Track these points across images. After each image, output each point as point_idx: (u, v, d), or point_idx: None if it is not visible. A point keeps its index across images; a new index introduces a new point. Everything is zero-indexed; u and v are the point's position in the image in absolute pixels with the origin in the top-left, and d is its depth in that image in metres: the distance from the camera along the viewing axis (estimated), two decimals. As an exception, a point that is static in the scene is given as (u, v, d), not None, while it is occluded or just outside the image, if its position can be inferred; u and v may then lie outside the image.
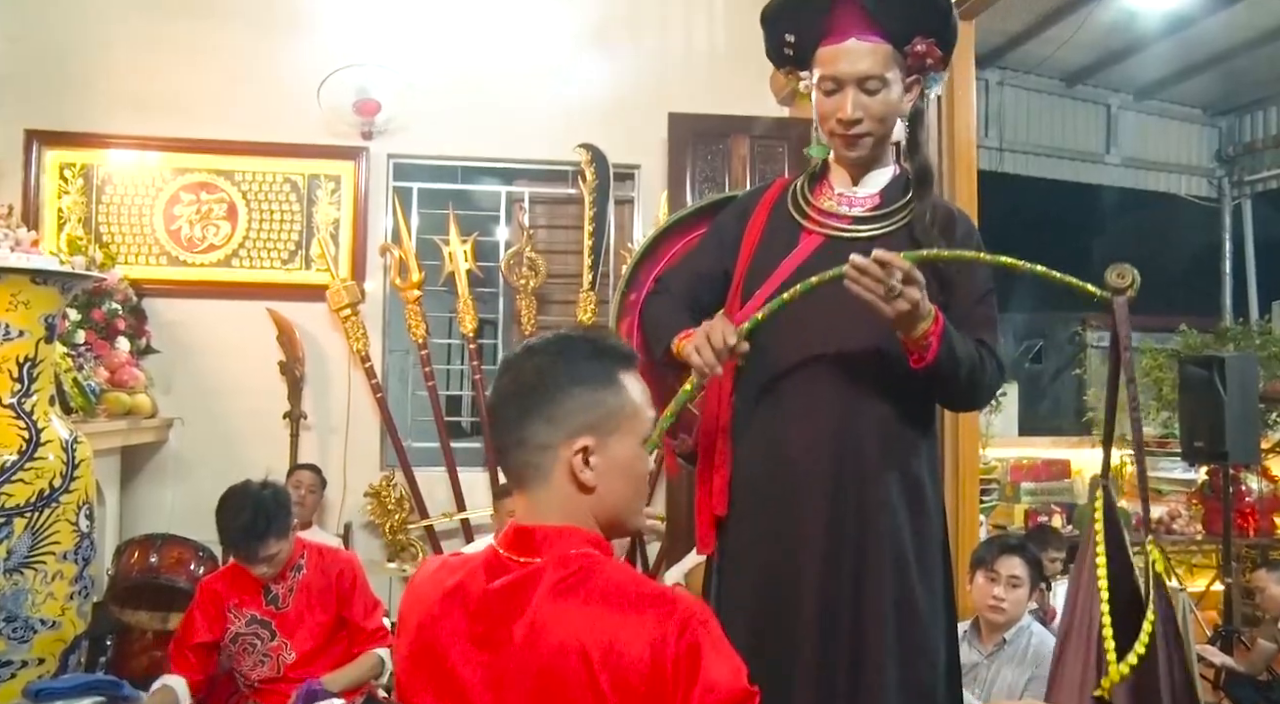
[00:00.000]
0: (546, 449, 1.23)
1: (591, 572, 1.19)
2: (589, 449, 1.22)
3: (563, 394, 1.23)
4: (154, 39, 4.39)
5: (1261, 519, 5.29)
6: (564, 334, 1.32)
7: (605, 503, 1.25)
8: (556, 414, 1.22)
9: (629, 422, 1.26)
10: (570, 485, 1.23)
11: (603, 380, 1.26)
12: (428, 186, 4.72)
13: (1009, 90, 7.47)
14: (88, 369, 3.75)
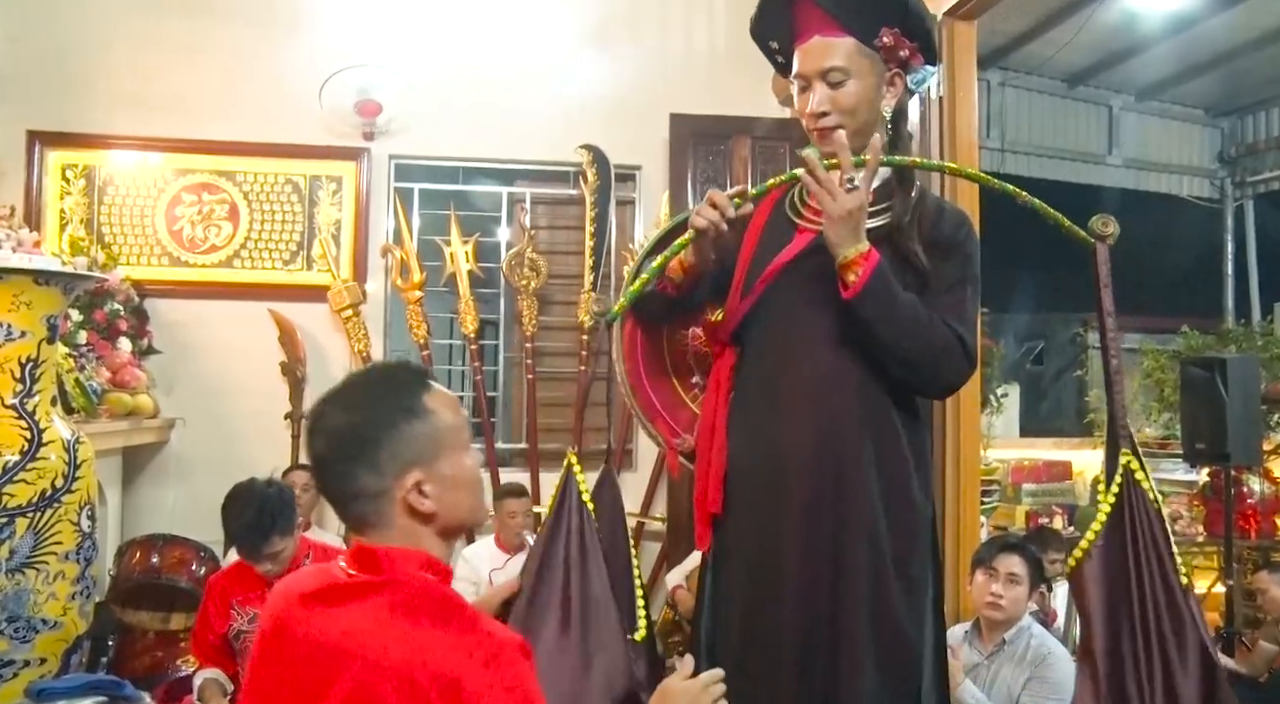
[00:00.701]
0: (381, 495, 1.26)
1: (423, 594, 1.23)
2: (421, 482, 1.26)
3: (379, 441, 1.26)
4: (155, 40, 4.39)
5: (1263, 521, 5.28)
6: (356, 380, 1.36)
7: (450, 519, 1.30)
8: (379, 460, 1.25)
9: (448, 437, 1.30)
10: (411, 519, 1.27)
11: (410, 413, 1.28)
12: (429, 187, 4.72)
13: (1011, 91, 7.46)
14: (89, 370, 3.76)
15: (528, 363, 4.56)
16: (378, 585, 1.24)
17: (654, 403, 2.12)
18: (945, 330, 1.71)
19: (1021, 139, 7.48)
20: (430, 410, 1.30)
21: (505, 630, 1.23)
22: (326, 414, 1.31)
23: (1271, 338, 6.33)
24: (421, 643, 1.17)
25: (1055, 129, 7.68)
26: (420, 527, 1.28)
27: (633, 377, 2.12)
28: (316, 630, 1.22)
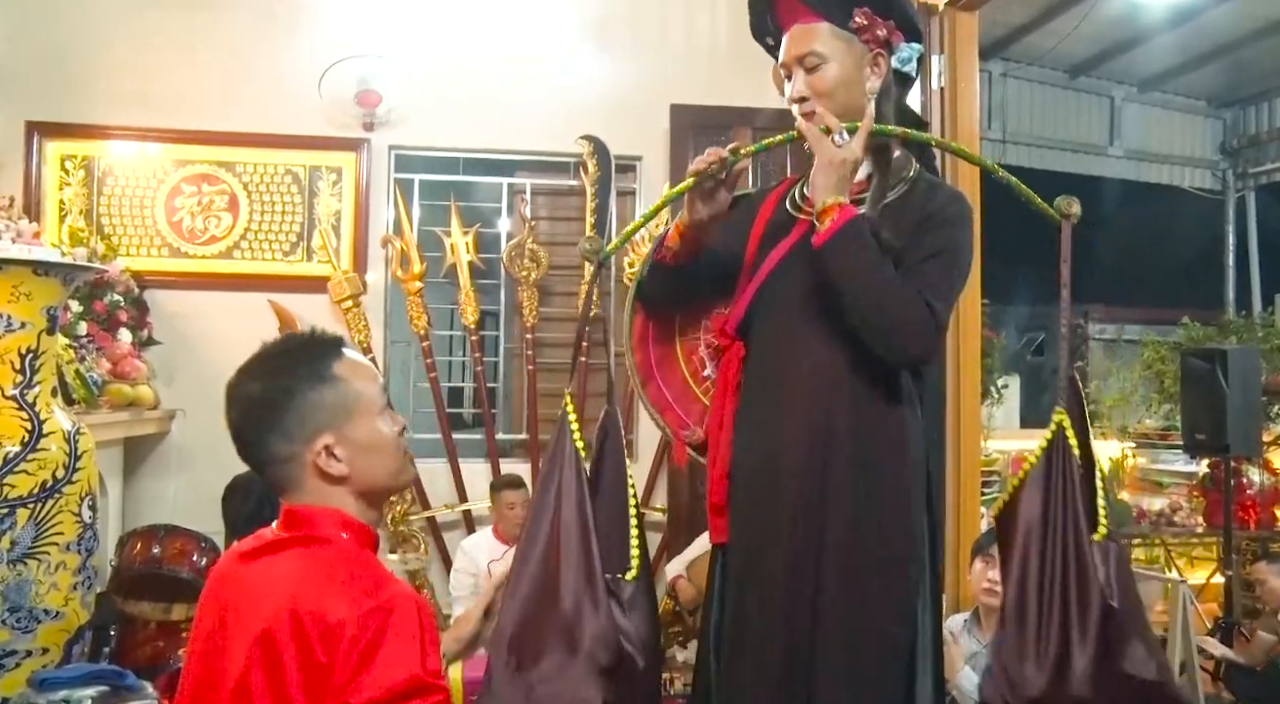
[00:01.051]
0: (291, 460, 1.34)
1: (327, 547, 1.32)
2: (330, 446, 1.33)
3: (286, 407, 1.33)
4: (155, 30, 4.38)
5: (1263, 512, 5.29)
6: (268, 349, 1.42)
7: (363, 481, 1.37)
8: (288, 426, 1.33)
9: (358, 403, 1.36)
10: (322, 482, 1.35)
11: (318, 379, 1.35)
12: (429, 178, 4.71)
13: (1012, 82, 7.45)
14: (90, 361, 3.76)
15: (528, 354, 4.56)
16: (294, 541, 1.33)
17: (664, 395, 2.13)
18: (915, 297, 1.66)
19: (1023, 130, 7.48)
20: (339, 377, 1.36)
21: (403, 586, 1.31)
22: (239, 384, 1.39)
23: (1272, 329, 6.34)
24: (317, 591, 1.24)
25: (1057, 120, 7.67)
26: (332, 488, 1.35)
27: (643, 369, 2.13)
28: (243, 580, 1.32)
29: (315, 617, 1.21)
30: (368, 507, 1.40)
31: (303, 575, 1.28)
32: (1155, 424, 6.36)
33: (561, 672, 1.59)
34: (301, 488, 1.36)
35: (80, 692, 2.38)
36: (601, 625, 1.61)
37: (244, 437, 1.38)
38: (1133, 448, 6.18)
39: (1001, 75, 7.38)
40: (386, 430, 1.40)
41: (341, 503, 1.36)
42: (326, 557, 1.30)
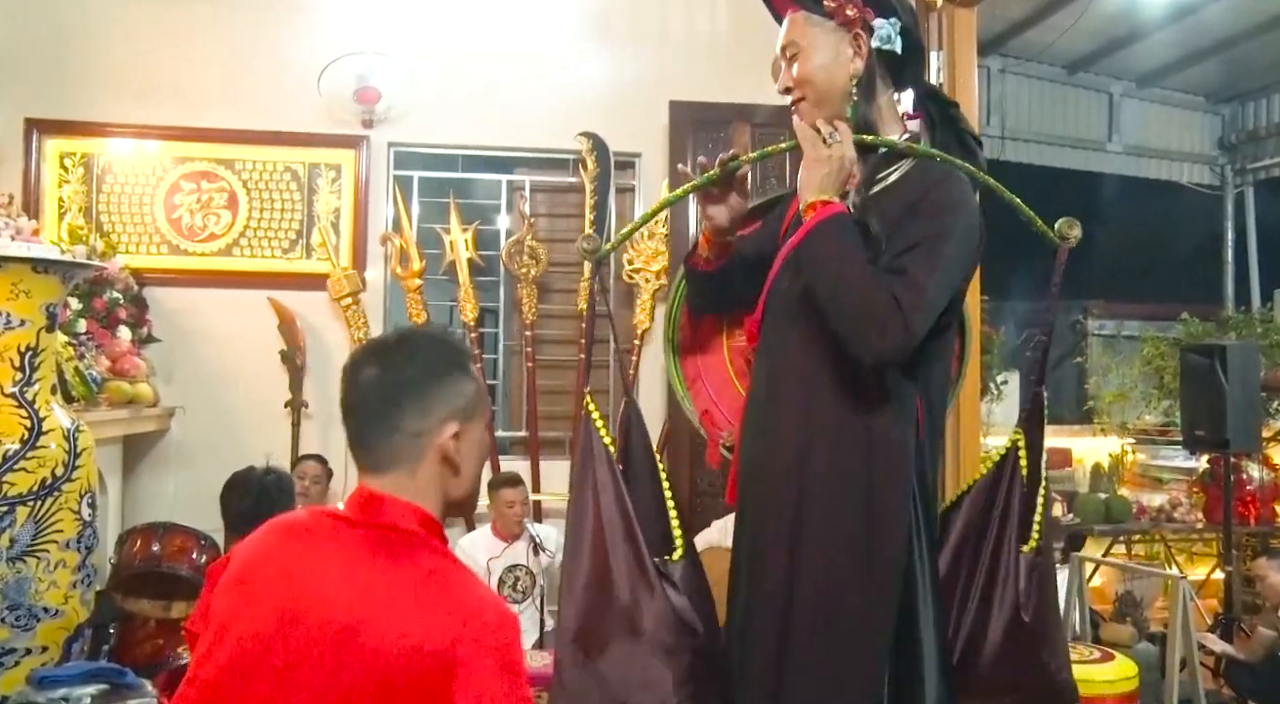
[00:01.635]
0: (421, 435, 1.31)
1: (414, 546, 1.28)
2: (459, 433, 1.33)
3: (433, 385, 1.33)
4: (154, 27, 4.38)
5: (1262, 507, 5.29)
6: (413, 330, 1.44)
7: (463, 479, 1.36)
8: (429, 404, 1.32)
9: (481, 406, 1.39)
10: (441, 466, 1.33)
11: (461, 370, 1.36)
12: (428, 175, 4.71)
13: (1011, 78, 7.44)
14: (89, 358, 3.75)
15: (527, 351, 4.56)
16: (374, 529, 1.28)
17: (709, 395, 2.17)
18: (882, 292, 1.57)
19: (1022, 126, 7.47)
20: (474, 376, 1.39)
21: (491, 594, 1.32)
22: (383, 353, 1.39)
23: (1271, 325, 6.34)
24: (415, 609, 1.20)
25: (1055, 116, 7.66)
26: (444, 475, 1.33)
27: (690, 370, 2.18)
28: (313, 573, 1.25)
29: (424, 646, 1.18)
30: (441, 512, 1.38)
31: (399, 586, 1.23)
32: (1155, 420, 6.36)
33: (629, 657, 1.67)
34: (416, 466, 1.32)
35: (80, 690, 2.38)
36: (659, 607, 1.69)
37: (371, 402, 1.35)
38: (1132, 444, 6.18)
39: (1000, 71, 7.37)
40: (486, 443, 1.43)
41: (434, 500, 1.34)
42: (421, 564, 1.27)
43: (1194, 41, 6.99)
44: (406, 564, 1.26)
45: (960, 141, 1.79)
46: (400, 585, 1.23)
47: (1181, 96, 8.22)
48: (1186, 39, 6.93)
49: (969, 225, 1.68)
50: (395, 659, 1.17)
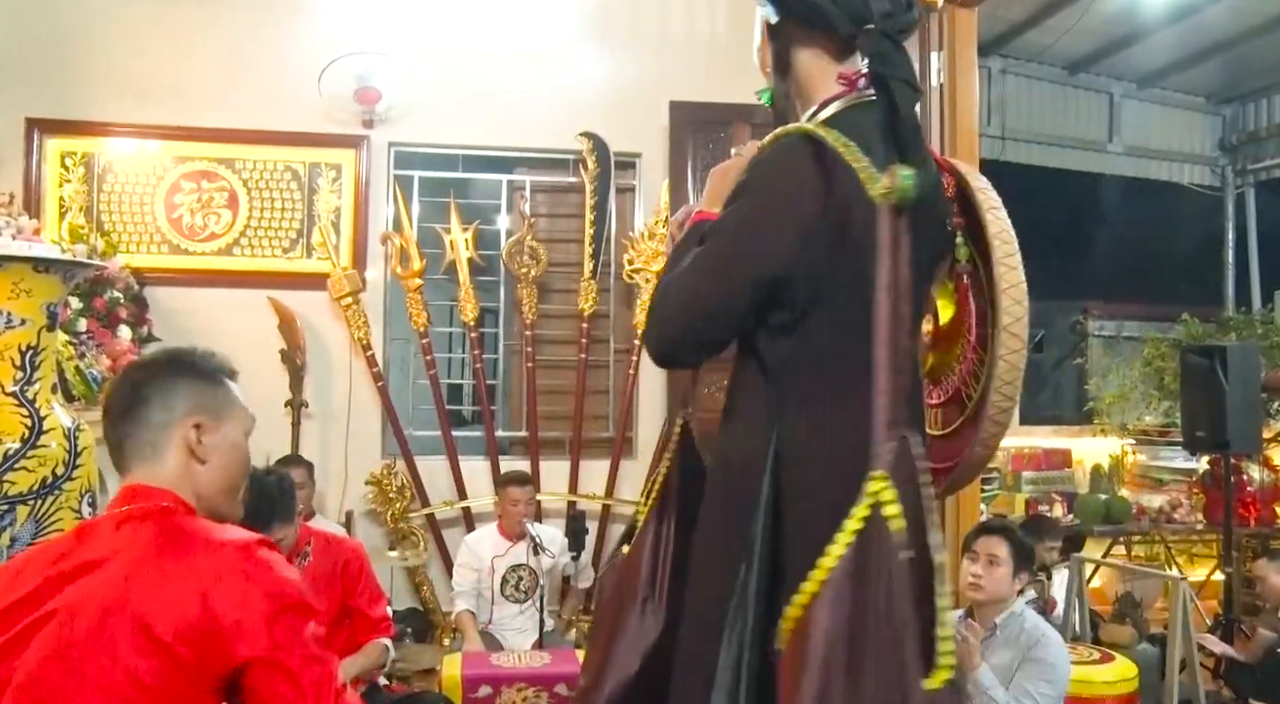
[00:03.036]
0: (165, 427, 1.44)
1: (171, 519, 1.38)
2: (201, 426, 1.44)
3: (175, 382, 1.46)
4: (155, 27, 4.38)
5: (1263, 508, 5.29)
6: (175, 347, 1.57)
7: (211, 477, 1.46)
8: (173, 399, 1.45)
9: (236, 414, 1.50)
10: (185, 457, 1.44)
11: (210, 377, 1.50)
12: (429, 175, 4.71)
13: (1011, 78, 7.43)
14: (90, 357, 3.76)
15: (528, 351, 4.56)
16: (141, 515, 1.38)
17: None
18: (659, 294, 1.48)
19: (1022, 127, 7.46)
20: (228, 386, 1.51)
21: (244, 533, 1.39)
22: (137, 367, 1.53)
23: (1272, 326, 6.34)
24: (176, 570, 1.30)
25: (1056, 117, 7.65)
26: (190, 466, 1.44)
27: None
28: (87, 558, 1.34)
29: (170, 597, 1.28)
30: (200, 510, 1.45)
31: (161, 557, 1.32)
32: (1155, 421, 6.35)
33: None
34: (160, 458, 1.43)
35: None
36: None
37: (120, 402, 1.46)
38: (1132, 445, 6.17)
39: (1000, 72, 7.36)
40: (244, 454, 1.52)
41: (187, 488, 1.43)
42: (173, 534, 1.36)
43: (1194, 42, 6.99)
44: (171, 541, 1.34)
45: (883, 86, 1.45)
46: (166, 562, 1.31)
47: (1182, 97, 8.22)
48: (1187, 40, 6.93)
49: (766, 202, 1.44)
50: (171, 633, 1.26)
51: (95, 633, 1.26)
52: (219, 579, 1.29)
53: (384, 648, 2.84)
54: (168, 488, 1.42)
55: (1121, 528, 5.22)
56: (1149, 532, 5.37)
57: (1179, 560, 5.71)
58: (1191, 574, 5.29)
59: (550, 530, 4.07)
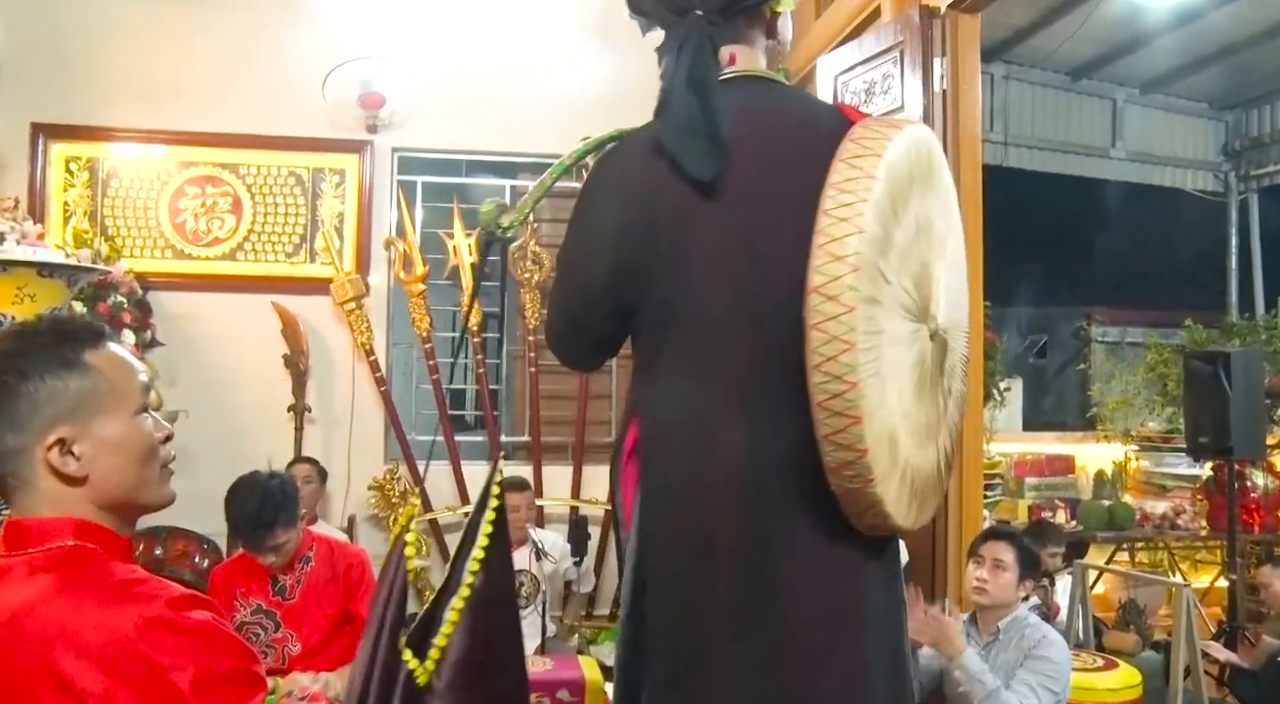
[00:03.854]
0: (21, 453, 1.16)
1: (81, 563, 1.14)
2: (66, 440, 1.16)
3: (22, 393, 1.15)
4: (159, 32, 4.39)
5: (1267, 515, 5.29)
6: (18, 328, 1.27)
7: (105, 488, 1.19)
8: (20, 416, 1.15)
9: (109, 399, 1.19)
10: (56, 482, 1.16)
11: (64, 365, 1.17)
12: (432, 180, 4.72)
13: (1014, 84, 7.45)
14: (93, 362, 3.76)
15: (530, 356, 4.56)
16: (17, 562, 1.14)
17: None
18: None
19: (1025, 132, 7.48)
20: (91, 366, 1.19)
21: (173, 586, 1.16)
22: None
23: (1275, 331, 6.34)
24: (88, 618, 1.09)
25: (1059, 122, 7.67)
26: (68, 491, 1.17)
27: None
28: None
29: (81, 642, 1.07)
30: (115, 522, 1.21)
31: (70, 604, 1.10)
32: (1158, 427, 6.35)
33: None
34: (35, 490, 1.16)
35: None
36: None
37: None
38: (1136, 451, 6.17)
39: (1004, 77, 7.38)
40: (139, 433, 1.22)
41: (82, 512, 1.17)
42: (80, 577, 1.13)
43: (1197, 48, 7.00)
44: (75, 580, 1.13)
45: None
46: (73, 602, 1.10)
47: (1185, 103, 8.23)
48: (1190, 46, 6.94)
49: (581, 214, 1.53)
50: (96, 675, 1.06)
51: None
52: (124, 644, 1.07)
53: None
54: (61, 517, 1.16)
55: (1125, 534, 5.22)
56: (1152, 538, 5.36)
57: (1182, 567, 5.70)
58: (1195, 581, 5.28)
59: (552, 536, 4.07)
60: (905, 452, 1.32)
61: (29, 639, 1.07)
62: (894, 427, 1.29)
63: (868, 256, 1.25)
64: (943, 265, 1.40)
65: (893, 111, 3.21)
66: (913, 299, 1.33)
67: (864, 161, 1.28)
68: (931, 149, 1.39)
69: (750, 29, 1.53)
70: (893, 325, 1.30)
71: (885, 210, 1.27)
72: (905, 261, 1.31)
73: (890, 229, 1.28)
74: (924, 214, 1.34)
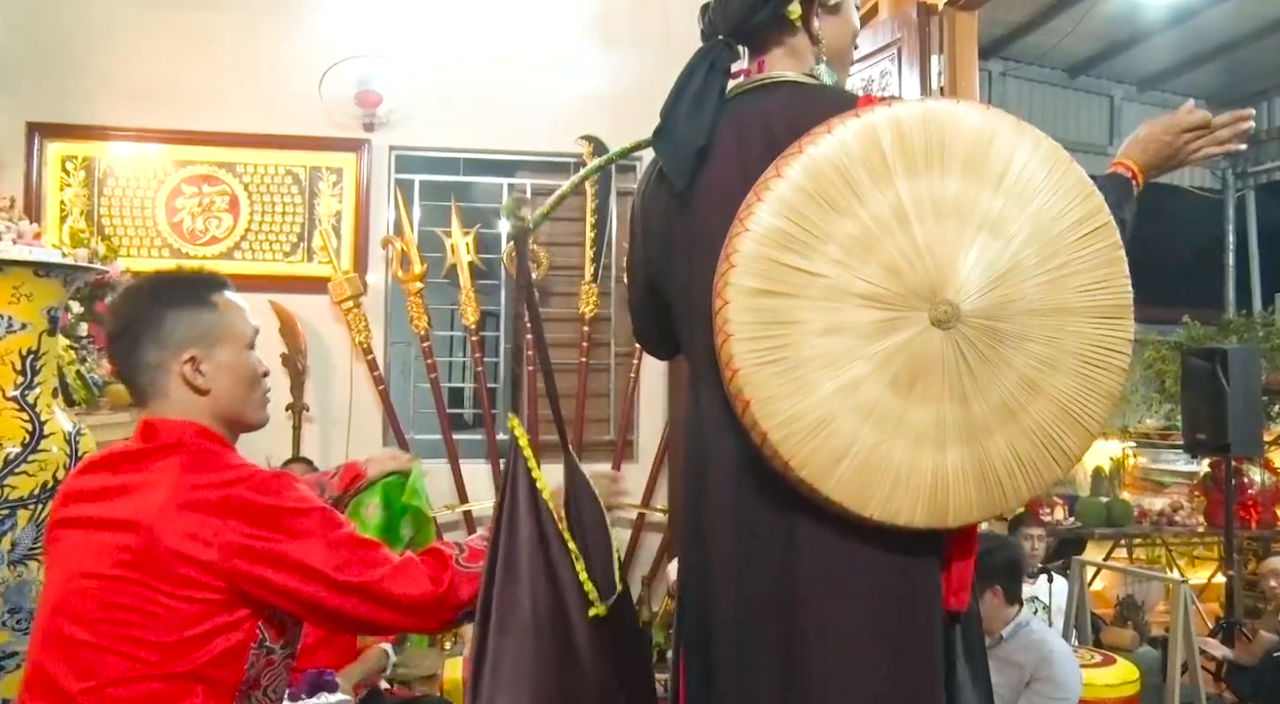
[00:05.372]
0: (159, 367, 1.48)
1: (200, 450, 1.43)
2: (196, 359, 1.47)
3: (167, 319, 1.48)
4: (155, 31, 4.38)
5: (1264, 511, 5.29)
6: (160, 274, 1.60)
7: (221, 402, 1.50)
8: (163, 337, 1.47)
9: (229, 332, 1.52)
10: (186, 392, 1.48)
11: (198, 302, 1.51)
12: (429, 179, 4.71)
13: (1012, 82, 7.46)
14: (91, 362, 3.75)
15: (528, 354, 4.56)
16: (164, 448, 1.43)
17: None
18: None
19: (1023, 130, 7.48)
20: (217, 305, 1.52)
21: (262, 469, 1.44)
22: (124, 297, 1.55)
23: (1273, 328, 6.35)
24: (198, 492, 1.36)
25: (1056, 119, 7.68)
26: (195, 400, 1.48)
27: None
28: (106, 492, 1.41)
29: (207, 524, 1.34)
30: (226, 433, 1.51)
31: (185, 481, 1.37)
32: (1156, 424, 6.36)
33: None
34: (167, 397, 1.48)
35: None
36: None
37: (121, 340, 1.50)
38: (1133, 448, 6.18)
39: (1001, 75, 7.39)
40: (249, 363, 1.55)
41: (203, 419, 1.48)
42: (196, 459, 1.42)
43: (1195, 45, 7.01)
44: (197, 462, 1.41)
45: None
46: (184, 486, 1.37)
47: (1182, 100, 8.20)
48: (1187, 43, 6.94)
49: (632, 224, 1.74)
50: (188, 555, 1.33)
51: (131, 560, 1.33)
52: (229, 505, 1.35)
53: (384, 653, 2.85)
54: (182, 419, 1.46)
55: (1123, 531, 5.22)
56: (1150, 534, 5.37)
57: (1180, 563, 5.71)
58: (1193, 577, 5.29)
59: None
60: (859, 443, 1.30)
61: (160, 512, 1.34)
62: (829, 414, 1.29)
63: (755, 251, 1.29)
64: (988, 245, 1.32)
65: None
66: (882, 287, 1.30)
67: (785, 159, 1.31)
68: (947, 130, 1.32)
69: (780, 36, 1.57)
70: (827, 316, 1.29)
71: (797, 203, 1.29)
72: (866, 250, 1.29)
73: (810, 222, 1.29)
74: (928, 197, 1.30)
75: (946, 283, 1.30)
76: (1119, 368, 1.38)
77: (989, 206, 1.32)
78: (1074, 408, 1.36)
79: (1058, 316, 1.33)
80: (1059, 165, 1.36)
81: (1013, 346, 1.32)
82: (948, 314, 1.30)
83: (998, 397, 1.33)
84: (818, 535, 1.37)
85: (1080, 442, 1.37)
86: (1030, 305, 1.32)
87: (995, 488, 1.34)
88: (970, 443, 1.33)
